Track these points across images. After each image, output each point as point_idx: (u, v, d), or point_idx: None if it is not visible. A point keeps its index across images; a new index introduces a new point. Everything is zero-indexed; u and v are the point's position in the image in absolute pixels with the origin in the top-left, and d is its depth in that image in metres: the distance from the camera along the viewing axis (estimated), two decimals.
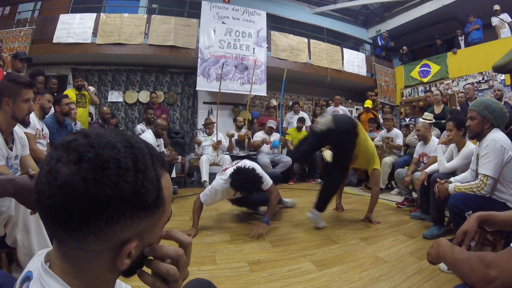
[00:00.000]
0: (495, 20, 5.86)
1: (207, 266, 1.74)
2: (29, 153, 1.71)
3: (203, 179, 4.25)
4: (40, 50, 4.84)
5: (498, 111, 1.78)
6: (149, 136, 3.46)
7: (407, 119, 5.67)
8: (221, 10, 5.68)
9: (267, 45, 5.98)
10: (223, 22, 5.65)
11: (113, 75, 5.63)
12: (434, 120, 4.02)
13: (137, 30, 5.23)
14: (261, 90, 5.78)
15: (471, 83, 5.76)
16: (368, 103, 5.94)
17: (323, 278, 1.61)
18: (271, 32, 6.19)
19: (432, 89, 6.29)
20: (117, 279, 0.47)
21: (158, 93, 5.48)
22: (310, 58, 6.51)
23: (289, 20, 7.11)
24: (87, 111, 4.42)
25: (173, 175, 4.15)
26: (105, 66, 5.57)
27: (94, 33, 5.08)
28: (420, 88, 7.06)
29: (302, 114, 5.69)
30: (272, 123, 5.12)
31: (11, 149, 1.54)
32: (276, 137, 5.13)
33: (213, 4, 5.62)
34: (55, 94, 3.39)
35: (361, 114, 6.09)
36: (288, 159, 4.87)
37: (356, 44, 8.48)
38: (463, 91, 5.32)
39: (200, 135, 5.09)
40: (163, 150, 3.83)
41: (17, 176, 0.87)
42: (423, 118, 3.76)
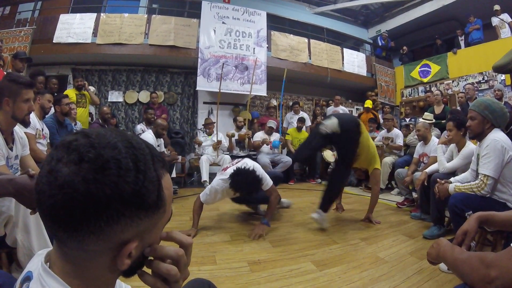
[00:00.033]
0: (495, 20, 5.86)
1: (207, 266, 1.74)
2: (29, 153, 1.71)
3: (203, 179, 4.25)
4: (40, 50, 4.85)
5: (498, 111, 1.79)
6: (150, 136, 3.46)
7: (407, 119, 5.67)
8: (221, 10, 5.68)
9: (267, 45, 5.98)
10: (223, 22, 5.66)
11: (113, 75, 5.63)
12: (434, 120, 4.01)
13: (137, 30, 5.23)
14: (261, 90, 5.79)
15: (471, 83, 5.76)
16: (368, 103, 5.93)
17: (323, 278, 1.61)
18: (271, 32, 6.19)
19: (432, 89, 6.29)
20: (117, 279, 0.47)
21: (158, 93, 5.48)
22: (310, 58, 6.51)
23: (289, 20, 7.11)
24: (87, 111, 4.42)
25: (173, 175, 4.16)
26: (105, 66, 5.57)
27: (94, 33, 5.08)
28: (420, 88, 7.06)
29: (302, 114, 5.70)
30: (272, 123, 5.12)
31: (11, 149, 1.54)
32: (276, 137, 5.13)
33: (213, 4, 5.62)
34: (55, 94, 3.39)
35: (361, 114, 6.07)
36: (288, 159, 4.87)
37: (356, 44, 8.47)
38: (463, 91, 5.31)
39: (200, 135, 5.09)
40: (163, 150, 3.83)
41: (17, 176, 0.87)
42: (423, 118, 3.76)
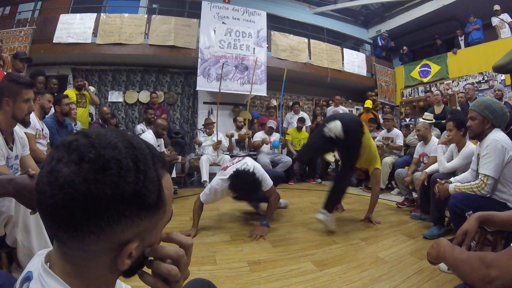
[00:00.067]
0: (495, 20, 5.86)
1: (207, 266, 1.74)
2: (29, 153, 1.71)
3: (203, 179, 4.24)
4: (40, 50, 4.85)
5: (498, 111, 1.79)
6: (150, 136, 3.46)
7: (407, 119, 5.66)
8: (221, 10, 5.68)
9: (267, 45, 5.98)
10: (223, 22, 5.66)
11: (113, 75, 5.63)
12: (434, 120, 4.01)
13: (137, 30, 5.23)
14: (261, 90, 5.79)
15: (471, 83, 5.76)
16: (368, 103, 5.93)
17: (323, 278, 1.61)
18: (271, 32, 6.19)
19: (432, 89, 6.29)
20: (117, 279, 0.47)
21: (158, 93, 5.48)
22: (310, 58, 6.51)
23: (289, 20, 7.11)
24: (87, 111, 4.42)
25: (173, 175, 4.15)
26: (105, 66, 5.58)
27: (94, 33, 5.08)
28: (420, 88, 7.06)
29: (302, 114, 5.70)
30: (272, 123, 5.12)
31: (11, 149, 1.54)
32: (276, 137, 5.13)
33: (213, 4, 5.62)
34: (55, 94, 3.39)
35: (361, 114, 6.07)
36: (288, 159, 4.87)
37: (356, 44, 8.47)
38: (463, 91, 5.31)
39: (200, 135, 5.09)
40: (164, 150, 3.83)
41: (17, 176, 0.87)
42: (423, 118, 3.76)
